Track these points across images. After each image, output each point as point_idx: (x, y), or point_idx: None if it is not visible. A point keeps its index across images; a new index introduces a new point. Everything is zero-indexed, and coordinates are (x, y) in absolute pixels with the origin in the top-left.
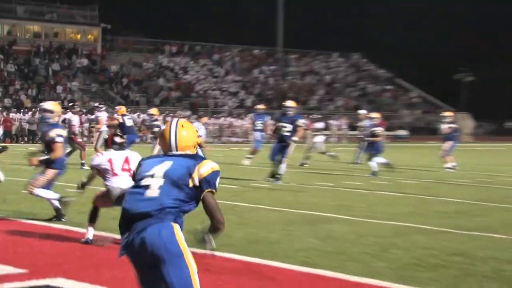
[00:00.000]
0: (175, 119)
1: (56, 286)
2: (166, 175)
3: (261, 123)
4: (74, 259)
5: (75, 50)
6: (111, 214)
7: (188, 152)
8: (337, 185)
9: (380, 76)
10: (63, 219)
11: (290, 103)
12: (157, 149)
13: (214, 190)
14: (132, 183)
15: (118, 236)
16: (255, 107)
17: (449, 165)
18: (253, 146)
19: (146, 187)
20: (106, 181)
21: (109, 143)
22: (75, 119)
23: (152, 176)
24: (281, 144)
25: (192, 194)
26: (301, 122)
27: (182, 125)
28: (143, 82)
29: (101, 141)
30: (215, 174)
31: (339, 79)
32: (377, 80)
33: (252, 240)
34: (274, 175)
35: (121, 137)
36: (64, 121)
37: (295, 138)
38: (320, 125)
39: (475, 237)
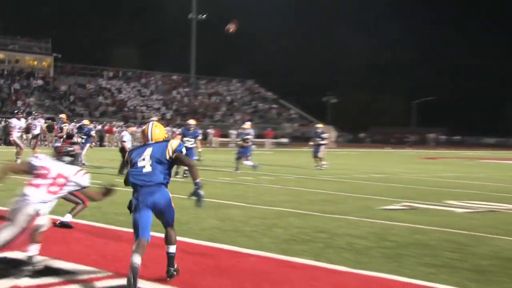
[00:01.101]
0: (151, 122)
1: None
2: (152, 157)
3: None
4: None
5: (32, 73)
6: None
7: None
8: (234, 180)
9: (268, 97)
10: None
11: (192, 122)
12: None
13: (181, 152)
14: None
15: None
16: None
17: (322, 164)
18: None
19: (142, 167)
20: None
21: (60, 151)
22: (16, 123)
23: (143, 159)
24: (186, 153)
25: (169, 164)
26: (200, 136)
27: (155, 125)
28: (86, 99)
29: (37, 143)
30: (180, 145)
31: (237, 99)
32: (266, 100)
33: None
34: (184, 173)
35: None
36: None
37: (199, 149)
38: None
39: (335, 219)
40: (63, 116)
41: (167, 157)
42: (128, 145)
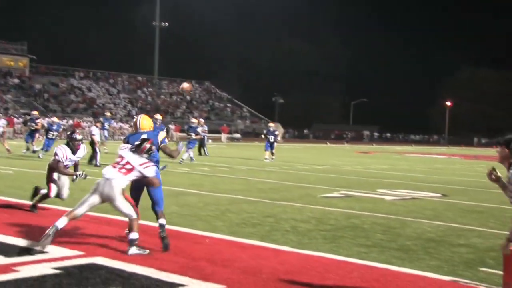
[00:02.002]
0: (140, 115)
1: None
2: None
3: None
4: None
5: (9, 73)
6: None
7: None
8: (192, 170)
9: (223, 97)
10: None
11: (158, 116)
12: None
13: (166, 144)
14: None
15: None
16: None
17: (272, 157)
18: None
19: None
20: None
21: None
22: None
23: None
24: None
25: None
26: (165, 130)
27: (143, 118)
28: (59, 97)
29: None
30: (165, 138)
31: (196, 98)
32: (221, 100)
33: (146, 208)
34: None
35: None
36: None
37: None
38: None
39: (281, 205)
40: (35, 113)
41: (158, 144)
42: (97, 138)
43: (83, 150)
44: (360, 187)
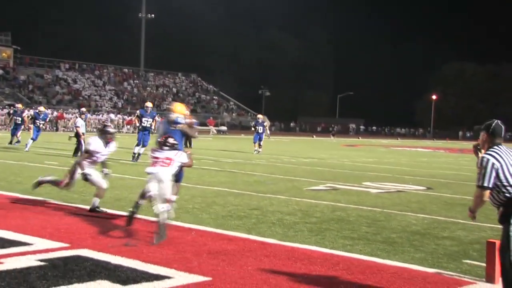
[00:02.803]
0: (176, 102)
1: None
2: None
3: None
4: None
5: None
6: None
7: None
8: None
9: (209, 90)
10: None
11: (149, 104)
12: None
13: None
14: None
15: None
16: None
17: (259, 149)
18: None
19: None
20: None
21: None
22: None
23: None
24: (145, 132)
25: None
26: (157, 116)
27: (178, 104)
28: (44, 88)
29: None
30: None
31: (182, 90)
32: (207, 92)
33: (117, 199)
34: (134, 155)
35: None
36: None
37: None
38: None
39: (267, 198)
40: (19, 106)
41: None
42: (82, 130)
43: (115, 145)
44: (346, 180)
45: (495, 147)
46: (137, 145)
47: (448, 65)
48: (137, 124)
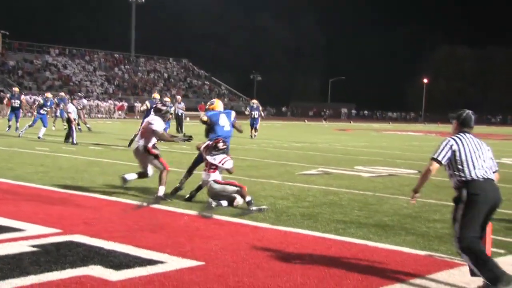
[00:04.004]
0: (215, 99)
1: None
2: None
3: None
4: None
5: None
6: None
7: None
8: (170, 148)
9: (201, 75)
10: None
11: (157, 95)
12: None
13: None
14: None
15: None
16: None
17: (255, 134)
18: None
19: (223, 126)
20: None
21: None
22: None
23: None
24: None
25: None
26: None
27: (218, 101)
28: (34, 74)
29: None
30: (235, 117)
31: (174, 76)
32: (199, 77)
33: (110, 185)
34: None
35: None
36: None
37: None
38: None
39: (260, 183)
40: (16, 89)
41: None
42: (73, 115)
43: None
44: (338, 164)
45: (461, 133)
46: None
47: (439, 49)
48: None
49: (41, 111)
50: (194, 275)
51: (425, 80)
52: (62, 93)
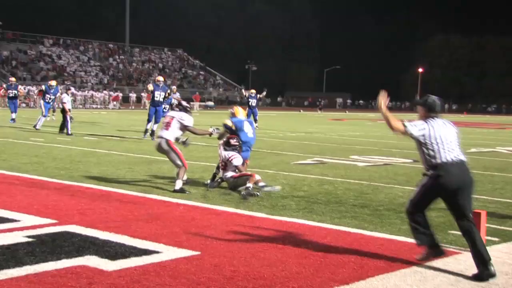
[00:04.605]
0: (237, 106)
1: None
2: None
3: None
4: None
5: None
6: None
7: None
8: None
9: (196, 65)
10: None
11: (161, 78)
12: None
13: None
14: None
15: None
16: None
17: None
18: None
19: (247, 132)
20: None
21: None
22: None
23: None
24: (157, 108)
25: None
26: (168, 91)
27: (238, 108)
28: (28, 64)
29: None
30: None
31: (168, 66)
32: (194, 67)
33: (105, 175)
34: (147, 131)
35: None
36: None
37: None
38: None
39: (255, 172)
40: (13, 79)
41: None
42: (68, 106)
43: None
44: (333, 154)
45: (429, 118)
46: (149, 121)
47: (434, 38)
48: (149, 100)
49: (46, 99)
50: (190, 264)
51: (420, 70)
52: (53, 82)
